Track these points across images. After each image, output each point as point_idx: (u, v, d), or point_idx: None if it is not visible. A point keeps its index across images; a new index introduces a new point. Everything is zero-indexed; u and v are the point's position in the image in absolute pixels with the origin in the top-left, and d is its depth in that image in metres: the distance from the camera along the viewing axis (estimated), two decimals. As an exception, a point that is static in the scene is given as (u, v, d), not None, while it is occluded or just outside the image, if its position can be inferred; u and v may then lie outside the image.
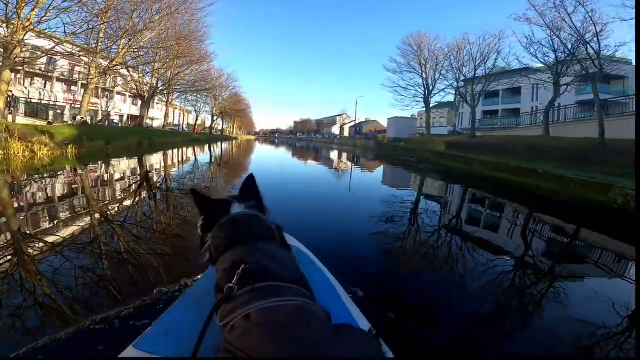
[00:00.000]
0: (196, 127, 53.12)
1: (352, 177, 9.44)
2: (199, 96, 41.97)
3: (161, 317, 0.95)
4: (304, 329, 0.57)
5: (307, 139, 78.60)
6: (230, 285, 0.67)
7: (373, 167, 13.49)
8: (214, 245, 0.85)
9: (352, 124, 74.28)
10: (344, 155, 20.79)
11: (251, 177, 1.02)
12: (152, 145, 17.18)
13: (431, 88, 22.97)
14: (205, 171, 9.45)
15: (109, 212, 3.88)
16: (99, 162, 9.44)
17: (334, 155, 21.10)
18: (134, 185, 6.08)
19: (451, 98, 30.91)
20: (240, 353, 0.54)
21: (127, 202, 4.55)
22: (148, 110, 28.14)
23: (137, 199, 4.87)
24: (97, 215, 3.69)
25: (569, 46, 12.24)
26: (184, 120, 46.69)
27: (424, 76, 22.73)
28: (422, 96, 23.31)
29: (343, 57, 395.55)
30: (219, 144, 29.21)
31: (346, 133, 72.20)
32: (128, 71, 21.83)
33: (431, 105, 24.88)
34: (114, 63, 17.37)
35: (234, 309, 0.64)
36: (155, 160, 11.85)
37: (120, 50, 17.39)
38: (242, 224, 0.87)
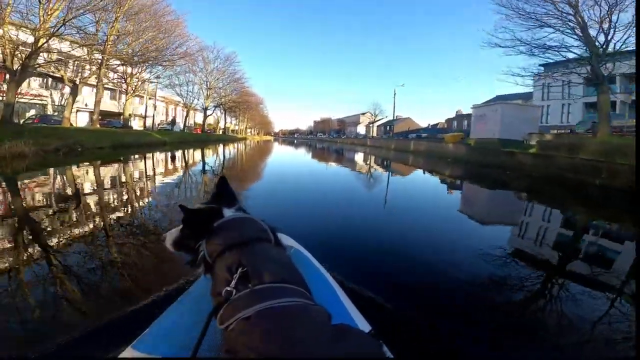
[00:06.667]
0: (196, 126, 43.76)
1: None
2: (188, 82, 32.07)
3: (159, 319, 0.93)
4: (304, 330, 0.57)
5: (329, 139, 67.79)
6: (229, 288, 0.65)
7: None
8: (209, 251, 0.80)
9: (382, 121, 62.60)
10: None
11: (223, 179, 0.97)
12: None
13: (602, 49, 11.41)
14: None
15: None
16: None
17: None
18: None
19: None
20: (241, 354, 0.54)
21: None
22: (51, 95, 18.19)
23: None
24: None
25: None
26: (187, 119, 36.53)
27: (583, 26, 11.42)
28: (587, 62, 11.63)
29: (369, 52, 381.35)
30: (182, 153, 18.51)
31: (373, 132, 60.95)
32: None
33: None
34: None
35: (233, 312, 0.62)
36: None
37: None
38: (236, 227, 0.83)
